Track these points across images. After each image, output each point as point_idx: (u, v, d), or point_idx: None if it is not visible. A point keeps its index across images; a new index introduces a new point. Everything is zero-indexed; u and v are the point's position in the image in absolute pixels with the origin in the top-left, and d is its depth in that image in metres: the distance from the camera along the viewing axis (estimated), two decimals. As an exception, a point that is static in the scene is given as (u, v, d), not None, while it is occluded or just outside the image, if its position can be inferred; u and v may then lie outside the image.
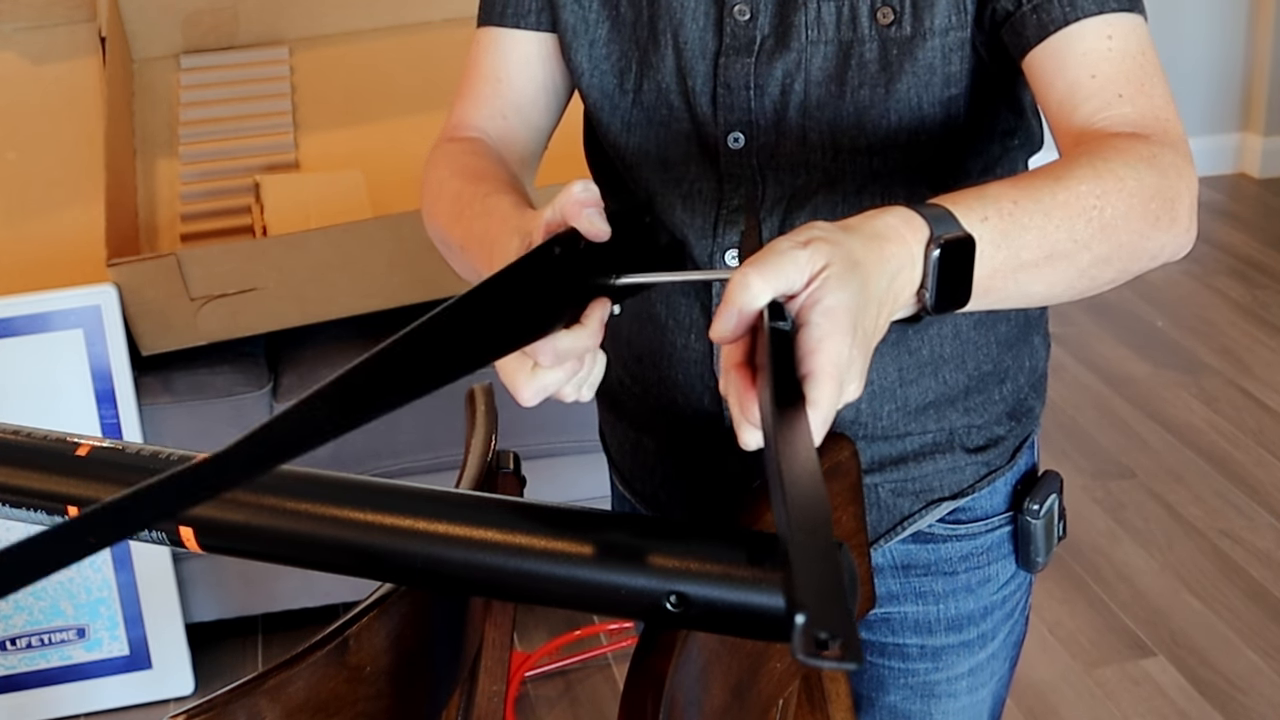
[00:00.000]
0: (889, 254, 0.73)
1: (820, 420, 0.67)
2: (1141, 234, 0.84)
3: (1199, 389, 3.16)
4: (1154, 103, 0.90)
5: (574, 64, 1.06)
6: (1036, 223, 0.79)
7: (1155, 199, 0.84)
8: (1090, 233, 0.81)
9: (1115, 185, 0.82)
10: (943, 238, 0.74)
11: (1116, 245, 0.83)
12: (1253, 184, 4.24)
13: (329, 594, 2.37)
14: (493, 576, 0.74)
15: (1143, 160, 0.84)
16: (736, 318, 0.69)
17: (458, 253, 0.98)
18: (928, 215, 0.75)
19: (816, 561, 0.54)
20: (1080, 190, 0.81)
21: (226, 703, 0.75)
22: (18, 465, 0.83)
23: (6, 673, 2.28)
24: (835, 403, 0.68)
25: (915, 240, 0.74)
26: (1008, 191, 0.80)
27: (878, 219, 0.75)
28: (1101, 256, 0.82)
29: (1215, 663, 2.34)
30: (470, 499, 0.78)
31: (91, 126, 2.40)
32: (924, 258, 0.75)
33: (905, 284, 0.75)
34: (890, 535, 1.10)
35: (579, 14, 1.04)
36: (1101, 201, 0.81)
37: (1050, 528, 1.14)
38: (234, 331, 2.22)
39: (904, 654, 1.14)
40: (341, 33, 2.60)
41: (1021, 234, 0.79)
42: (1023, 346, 1.11)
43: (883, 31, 0.96)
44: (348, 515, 0.77)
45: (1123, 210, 0.82)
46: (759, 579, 0.69)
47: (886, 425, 1.07)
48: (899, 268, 0.74)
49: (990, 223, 0.78)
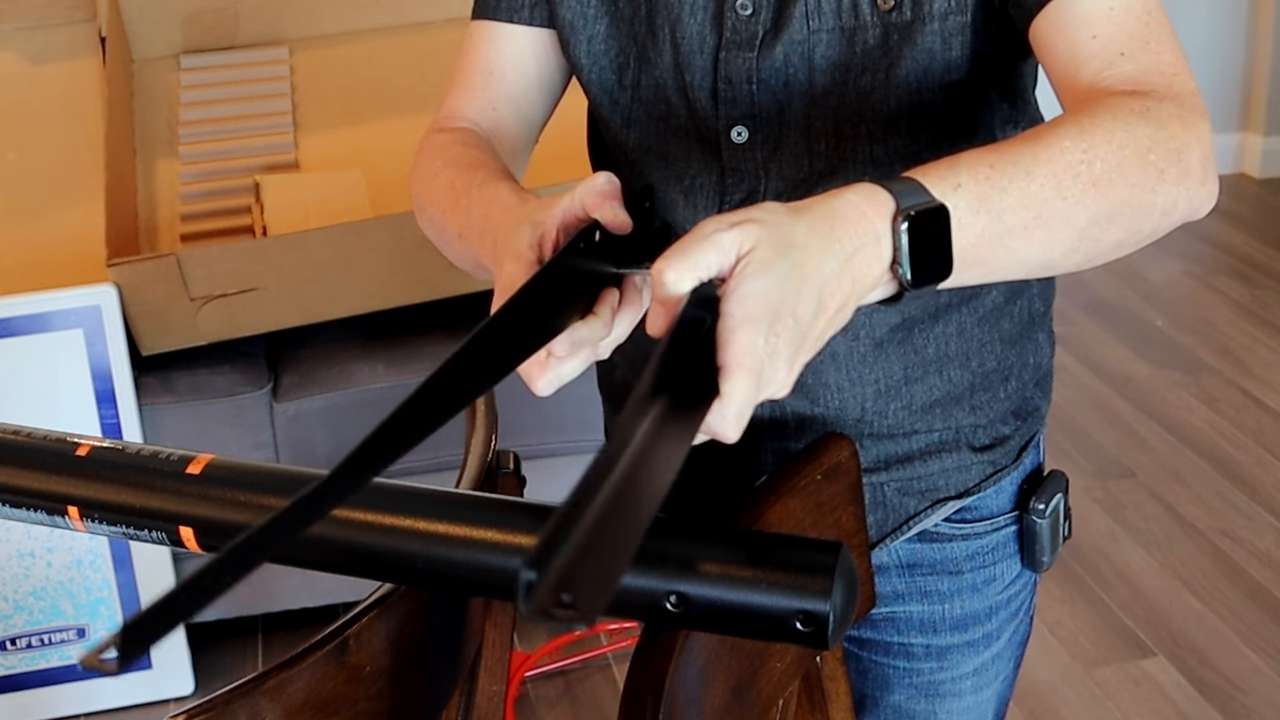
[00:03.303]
0: (840, 234, 0.70)
1: (733, 413, 0.65)
2: (1145, 188, 0.80)
3: (1199, 389, 3.15)
4: (1160, 59, 0.87)
5: (573, 59, 1.06)
6: (1017, 184, 0.76)
7: (1154, 150, 0.80)
8: (1081, 189, 0.77)
9: (1103, 139, 0.79)
10: (911, 210, 0.72)
11: (1118, 202, 0.79)
12: (1253, 184, 4.24)
13: (329, 594, 2.37)
14: (493, 576, 0.74)
15: (1133, 113, 0.81)
16: (659, 310, 0.68)
17: (454, 241, 0.98)
18: (893, 189, 0.73)
19: (581, 526, 0.55)
20: (1063, 146, 0.78)
21: (226, 703, 0.75)
22: (18, 465, 0.83)
23: (6, 673, 2.28)
24: (750, 396, 0.65)
25: (878, 216, 0.72)
26: (984, 156, 0.77)
27: (836, 198, 0.72)
28: (1101, 215, 0.79)
29: (1215, 663, 2.34)
30: (470, 499, 0.78)
31: (91, 126, 2.40)
32: (891, 233, 0.72)
33: (868, 262, 0.71)
34: (896, 534, 1.10)
35: (577, 10, 1.04)
36: (1089, 156, 0.78)
37: (1056, 527, 1.14)
38: (234, 331, 2.22)
39: (909, 653, 1.14)
40: (341, 33, 2.60)
41: (1001, 197, 0.75)
42: (1027, 343, 1.11)
43: (884, 17, 0.95)
44: (348, 515, 0.77)
45: (1115, 164, 0.79)
46: (759, 579, 0.69)
47: (893, 424, 1.07)
48: (856, 247, 0.71)
49: (965, 189, 0.75)
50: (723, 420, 0.65)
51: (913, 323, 1.04)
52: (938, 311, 1.05)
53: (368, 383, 2.31)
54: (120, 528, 0.81)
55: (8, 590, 2.24)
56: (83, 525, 0.82)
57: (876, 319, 1.03)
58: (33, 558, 2.23)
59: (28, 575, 2.24)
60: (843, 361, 1.04)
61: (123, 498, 0.80)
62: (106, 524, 0.81)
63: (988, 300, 1.07)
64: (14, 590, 2.24)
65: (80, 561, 2.24)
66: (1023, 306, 1.09)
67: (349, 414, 2.30)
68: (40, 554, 2.23)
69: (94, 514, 0.81)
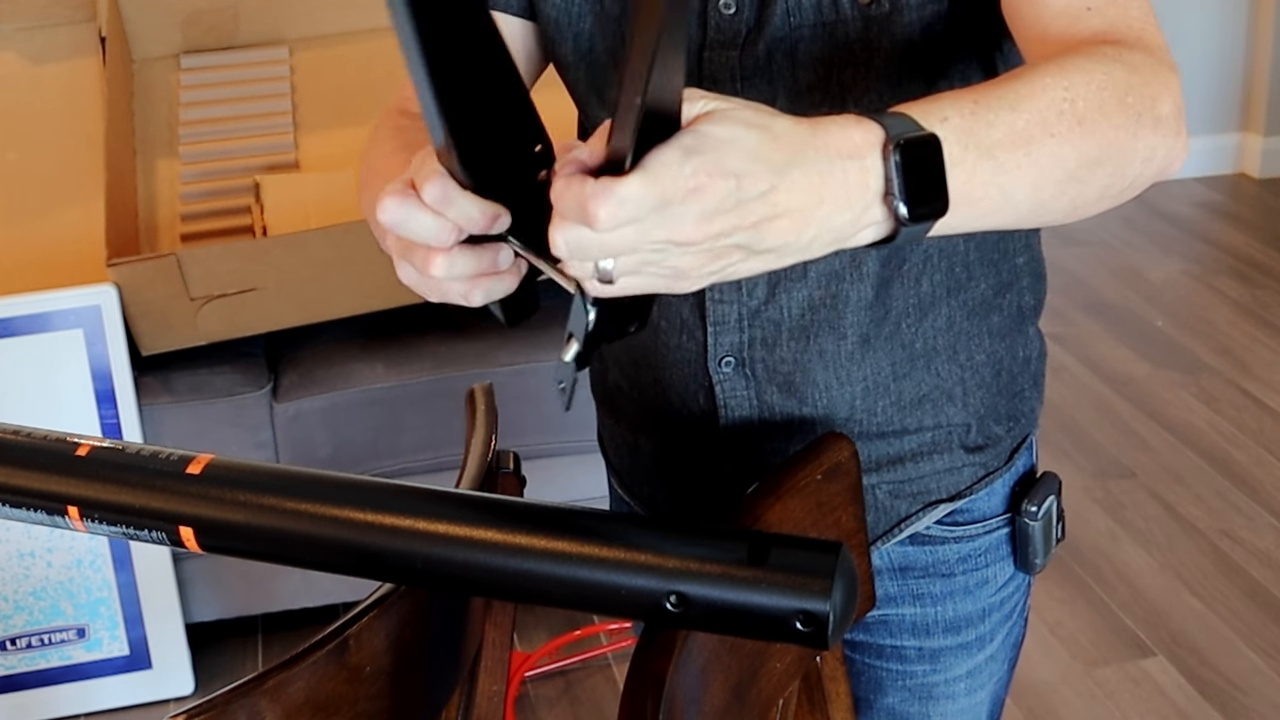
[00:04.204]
0: (819, 144, 0.68)
1: (600, 195, 0.62)
2: (1127, 131, 0.79)
3: (1199, 389, 3.16)
4: (1128, 14, 0.87)
5: (559, 58, 1.05)
6: (1004, 118, 0.74)
7: (1131, 94, 0.80)
8: (1066, 127, 0.76)
9: (1082, 78, 0.78)
10: (901, 138, 0.69)
11: (1103, 144, 0.78)
12: (1253, 184, 4.24)
13: (329, 594, 2.37)
14: (493, 576, 0.74)
15: (1106, 57, 0.80)
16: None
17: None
18: (881, 120, 0.70)
19: None
20: (1045, 83, 0.77)
21: (226, 703, 0.75)
22: (18, 465, 0.83)
23: (6, 673, 2.28)
24: (635, 203, 0.62)
25: (868, 144, 0.69)
26: (966, 93, 0.75)
27: (825, 119, 0.70)
28: (1089, 157, 0.78)
29: (1215, 663, 2.34)
30: (470, 499, 0.78)
31: (91, 126, 2.40)
32: (884, 162, 0.69)
33: (847, 187, 0.68)
34: (888, 537, 1.10)
35: (562, 8, 1.03)
36: (1070, 94, 0.77)
37: (1048, 529, 1.14)
38: (234, 331, 2.22)
39: (902, 656, 1.14)
40: (341, 33, 2.60)
41: (988, 130, 0.73)
42: (1017, 336, 1.11)
43: (863, 10, 0.95)
44: (348, 515, 0.77)
45: (1096, 103, 0.78)
46: (759, 579, 0.69)
47: (882, 421, 1.06)
48: (834, 165, 0.68)
49: (951, 122, 0.73)
50: (588, 199, 0.62)
51: (900, 316, 1.04)
52: (925, 304, 1.04)
53: (368, 383, 2.31)
54: (120, 528, 0.81)
55: (8, 590, 2.24)
56: (83, 525, 0.82)
57: (863, 315, 1.03)
58: (33, 558, 2.23)
59: (28, 575, 2.24)
60: (830, 359, 1.04)
61: (123, 498, 0.80)
62: (106, 524, 0.81)
63: (976, 293, 1.06)
64: (14, 590, 2.24)
65: (80, 561, 2.24)
66: (1012, 300, 1.09)
67: (349, 414, 2.30)
68: (40, 554, 2.23)
69: (94, 514, 0.81)
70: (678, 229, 0.64)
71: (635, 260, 0.66)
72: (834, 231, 0.70)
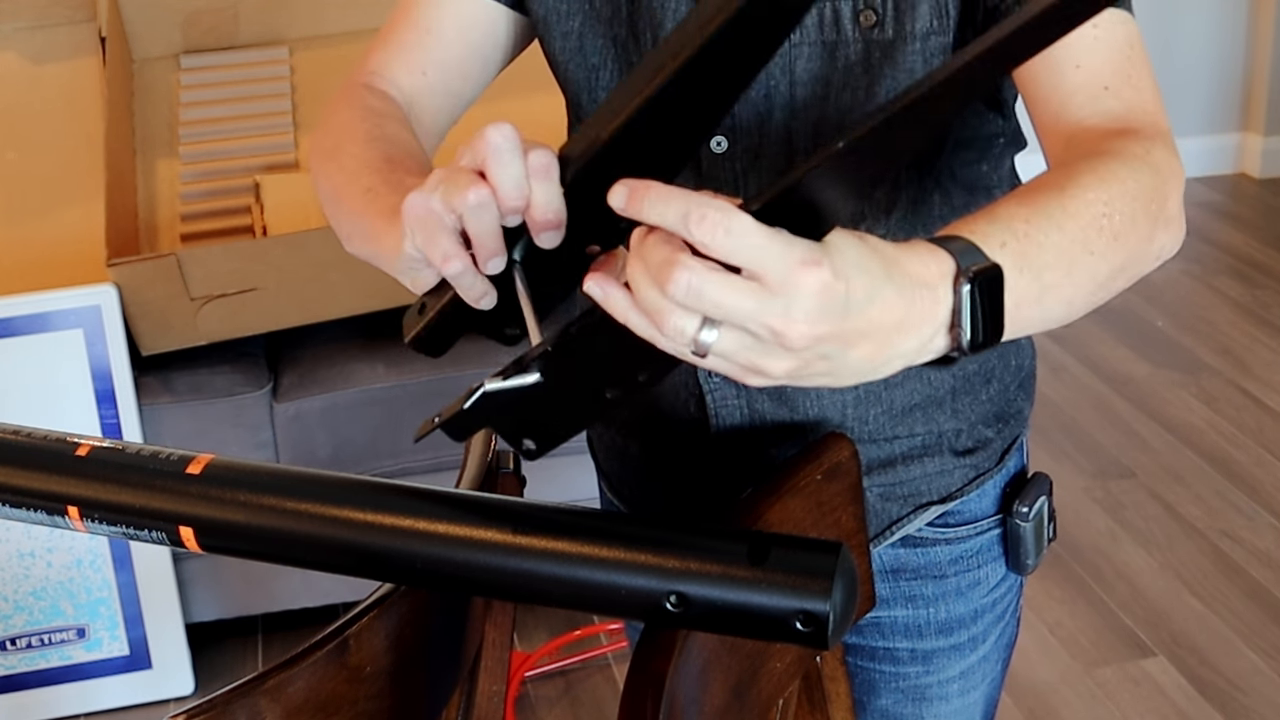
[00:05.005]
0: (904, 269, 0.67)
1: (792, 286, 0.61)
2: (1147, 237, 0.81)
3: (1199, 389, 3.16)
4: (1142, 97, 0.88)
5: (550, 56, 1.04)
6: (1053, 239, 0.74)
7: (1154, 199, 0.81)
8: (1104, 243, 0.77)
9: (1120, 190, 0.79)
10: (971, 269, 0.68)
11: (1129, 253, 0.79)
12: (1253, 184, 4.24)
13: (329, 594, 2.37)
14: (493, 576, 0.74)
15: (1138, 159, 0.82)
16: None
17: (356, 226, 0.94)
18: (950, 248, 0.69)
19: None
20: (1088, 199, 0.77)
21: (226, 703, 0.75)
22: (18, 465, 0.83)
23: (6, 673, 2.28)
24: (815, 292, 0.61)
25: (940, 275, 0.68)
26: (1017, 210, 0.75)
27: (900, 244, 0.68)
28: (1117, 266, 0.79)
29: (1215, 663, 2.34)
30: (470, 499, 0.78)
31: (91, 126, 2.40)
32: (953, 293, 0.68)
33: (926, 318, 0.68)
34: (879, 539, 1.10)
35: (550, 5, 1.02)
36: (1110, 209, 0.78)
37: (1040, 530, 1.13)
38: (234, 331, 2.22)
39: (894, 658, 1.14)
40: (341, 33, 2.60)
41: (1039, 253, 0.73)
42: (1008, 345, 1.10)
43: (865, 33, 0.95)
44: (348, 515, 0.77)
45: (1129, 215, 0.79)
46: (759, 579, 0.69)
47: (874, 428, 1.06)
48: (917, 292, 0.67)
49: (1009, 247, 0.72)
50: (719, 211, 0.61)
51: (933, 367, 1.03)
52: None
53: (368, 383, 2.31)
54: (120, 528, 0.81)
55: (8, 590, 2.24)
56: (83, 525, 0.82)
57: None
58: (33, 558, 2.23)
59: (28, 575, 2.24)
60: None
61: (123, 498, 0.80)
62: (106, 524, 0.81)
63: None
64: (14, 590, 2.24)
65: (80, 561, 2.24)
66: None
67: (349, 414, 2.30)
68: (40, 554, 2.23)
69: (94, 514, 0.81)
70: (790, 322, 0.62)
71: (736, 341, 0.64)
72: (902, 357, 0.69)
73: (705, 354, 0.64)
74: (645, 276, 0.63)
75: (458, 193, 0.73)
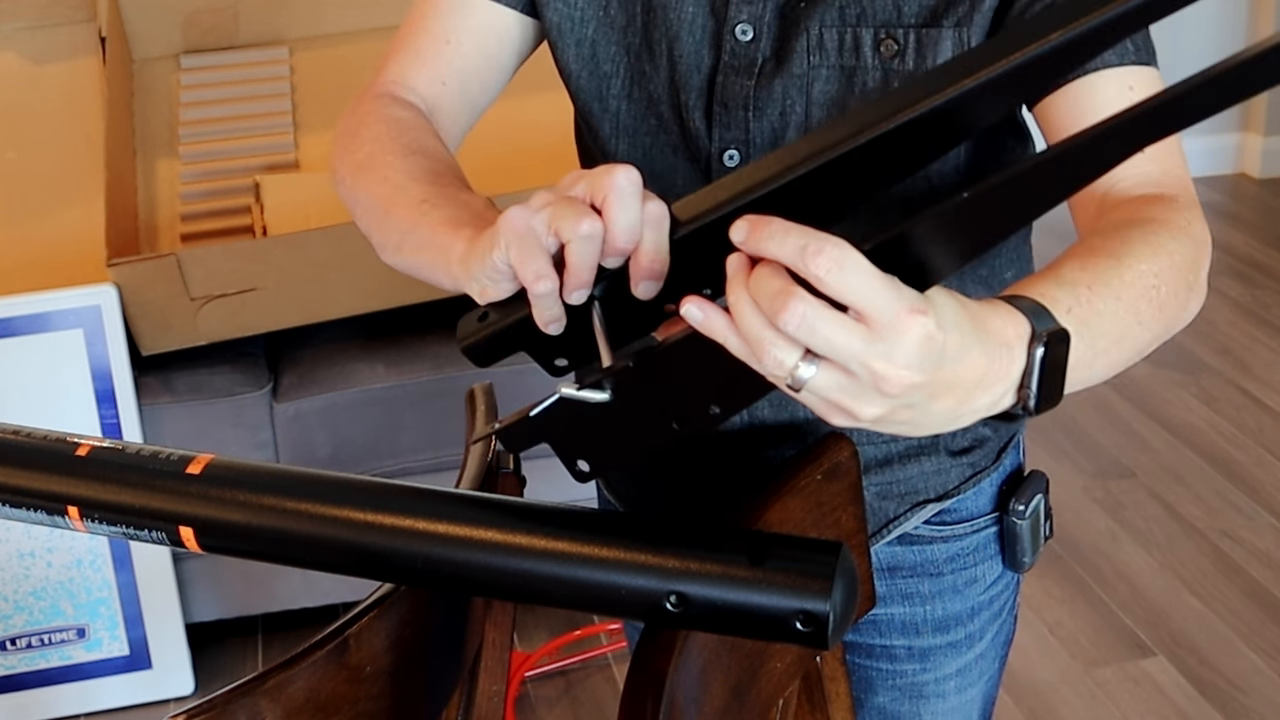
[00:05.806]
0: (988, 330, 0.68)
1: (895, 334, 0.61)
2: (1183, 305, 0.83)
3: (1199, 389, 3.16)
4: (1174, 160, 0.89)
5: (561, 63, 1.04)
6: (1110, 308, 0.76)
7: (1191, 270, 0.83)
8: (1150, 313, 0.79)
9: (1167, 262, 0.81)
10: (1044, 334, 0.69)
11: (1168, 322, 0.82)
12: (1253, 184, 4.23)
13: (329, 594, 2.37)
14: (493, 576, 0.74)
15: (1181, 230, 0.83)
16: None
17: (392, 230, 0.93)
18: (1023, 308, 0.71)
19: None
20: (1141, 270, 0.79)
21: (226, 703, 0.75)
22: (18, 465, 0.83)
23: (6, 673, 2.28)
24: (918, 341, 0.61)
25: (1018, 336, 0.69)
26: (1080, 276, 0.77)
27: (987, 304, 0.70)
28: (1157, 334, 0.81)
29: (1215, 663, 2.34)
30: (470, 499, 0.78)
31: (91, 126, 2.40)
32: (1026, 354, 0.69)
33: (1001, 376, 0.68)
34: (876, 538, 1.10)
35: (564, 12, 1.02)
36: (1158, 280, 0.79)
37: (1036, 528, 1.13)
38: (234, 331, 2.22)
39: (892, 655, 1.14)
40: (341, 33, 2.60)
41: (1099, 321, 0.75)
42: None
43: (886, 63, 0.95)
44: (348, 515, 0.77)
45: (1172, 287, 0.81)
46: (759, 579, 0.69)
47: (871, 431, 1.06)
48: (999, 356, 0.68)
49: (1074, 313, 0.74)
50: (828, 245, 0.61)
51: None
52: None
53: (368, 383, 2.31)
54: (120, 528, 0.81)
55: (8, 590, 2.24)
56: (83, 525, 0.82)
57: None
58: (33, 558, 2.23)
59: (28, 575, 2.24)
60: None
61: (123, 498, 0.80)
62: (106, 524, 0.81)
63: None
64: (14, 590, 2.24)
65: (80, 561, 2.24)
66: None
67: (349, 414, 2.30)
68: (40, 554, 2.23)
69: (94, 514, 0.81)
70: (891, 366, 0.63)
71: (833, 380, 0.64)
72: (976, 412, 0.70)
73: (800, 389, 0.65)
74: (752, 306, 0.64)
75: (570, 220, 0.73)
